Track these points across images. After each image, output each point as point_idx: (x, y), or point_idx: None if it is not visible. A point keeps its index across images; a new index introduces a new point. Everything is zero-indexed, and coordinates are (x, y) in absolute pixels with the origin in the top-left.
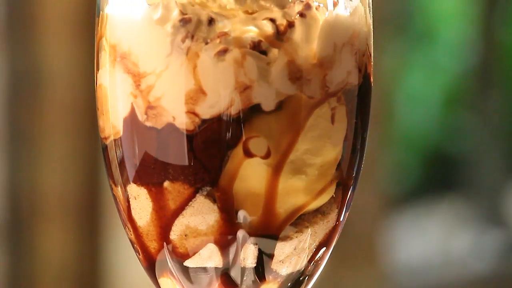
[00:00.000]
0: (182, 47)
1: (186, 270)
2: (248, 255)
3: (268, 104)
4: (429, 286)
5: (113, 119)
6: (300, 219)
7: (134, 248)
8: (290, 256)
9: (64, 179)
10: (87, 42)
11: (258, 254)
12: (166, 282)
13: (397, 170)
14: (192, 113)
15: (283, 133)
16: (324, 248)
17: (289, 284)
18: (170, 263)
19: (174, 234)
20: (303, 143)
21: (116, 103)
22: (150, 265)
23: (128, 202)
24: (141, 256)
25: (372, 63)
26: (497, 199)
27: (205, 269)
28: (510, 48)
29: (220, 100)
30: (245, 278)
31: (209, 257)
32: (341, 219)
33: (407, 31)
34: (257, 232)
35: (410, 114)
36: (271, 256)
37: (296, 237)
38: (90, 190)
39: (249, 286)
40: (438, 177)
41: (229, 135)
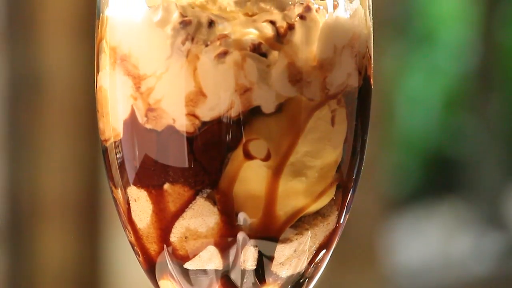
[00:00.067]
0: (182, 49)
1: (186, 272)
2: (248, 257)
3: (268, 106)
4: None
5: (113, 121)
6: (300, 222)
7: (134, 250)
8: (290, 258)
9: (64, 181)
10: (87, 44)
11: (258, 256)
12: (166, 284)
13: (397, 172)
14: (192, 115)
15: (283, 135)
16: (324, 250)
17: (289, 286)
18: (170, 265)
19: (174, 236)
20: (303, 145)
21: (116, 105)
22: (150, 267)
23: (128, 204)
24: (141, 258)
25: (372, 65)
26: (497, 202)
27: (205, 271)
28: (510, 50)
29: (220, 102)
30: (245, 280)
31: (209, 259)
32: (341, 221)
33: (407, 33)
34: (257, 234)
35: (410, 116)
36: (271, 258)
37: (296, 239)
38: (90, 192)
39: None
40: (438, 179)
41: (229, 137)
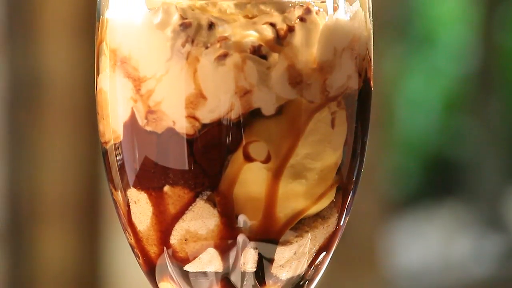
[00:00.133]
0: (182, 52)
1: (186, 275)
2: (248, 260)
3: (268, 108)
4: None
5: (113, 124)
6: (300, 224)
7: (134, 252)
8: (290, 260)
9: (64, 182)
10: (88, 46)
11: (258, 259)
12: (166, 286)
13: (397, 174)
14: (192, 117)
15: (283, 137)
16: (324, 252)
17: None
18: (170, 268)
19: (174, 239)
20: (303, 148)
21: (116, 108)
22: (150, 269)
23: (128, 206)
24: (141, 260)
25: (372, 68)
26: (497, 204)
27: (205, 273)
28: (510, 52)
29: (220, 104)
30: (245, 283)
31: (209, 261)
32: (341, 224)
33: (407, 36)
34: (257, 236)
35: (410, 118)
36: (271, 260)
37: (296, 241)
38: (90, 193)
39: None
40: (438, 181)
41: (229, 140)
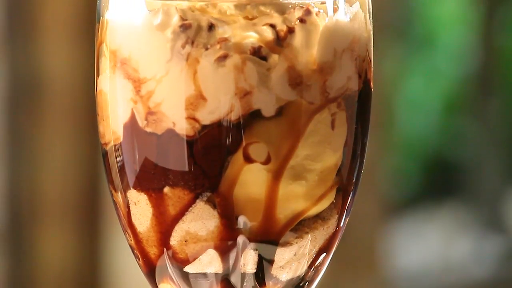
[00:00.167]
0: (182, 53)
1: (186, 276)
2: (248, 261)
3: (268, 109)
4: None
5: (113, 125)
6: (300, 225)
7: (134, 254)
8: (290, 261)
9: (64, 182)
10: (88, 47)
11: (258, 260)
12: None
13: (397, 176)
14: (192, 118)
15: (283, 138)
16: (324, 253)
17: None
18: (170, 269)
19: (174, 240)
20: (303, 149)
21: (116, 109)
22: (150, 271)
23: (128, 208)
24: (141, 262)
25: (372, 69)
26: (497, 205)
27: (205, 274)
28: (510, 53)
29: (220, 105)
30: (245, 284)
31: (209, 262)
32: (341, 225)
33: (407, 37)
34: (257, 237)
35: (410, 120)
36: (271, 261)
37: (296, 242)
38: (90, 193)
39: None
40: (438, 182)
41: (229, 141)
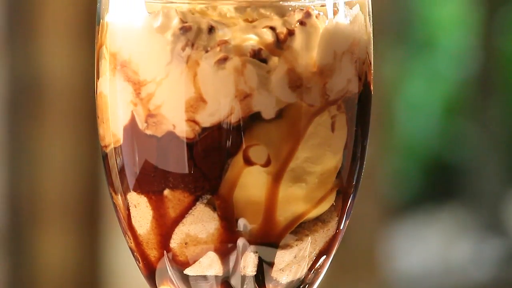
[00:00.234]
0: (182, 55)
1: (186, 279)
2: (248, 263)
3: (268, 112)
4: None
5: (113, 127)
6: (300, 227)
7: (134, 256)
8: (290, 264)
9: (64, 184)
10: (88, 49)
11: (258, 262)
12: None
13: (397, 178)
14: (192, 121)
15: (283, 141)
16: (324, 256)
17: None
18: (170, 272)
19: (174, 242)
20: (303, 151)
21: (116, 111)
22: (150, 273)
23: (128, 210)
24: (141, 264)
25: (372, 71)
26: (497, 208)
27: (205, 277)
28: (510, 56)
29: (220, 108)
30: (245, 286)
31: (209, 265)
32: (341, 227)
33: (407, 40)
34: (257, 240)
35: (410, 122)
36: (271, 264)
37: (296, 245)
38: (90, 194)
39: None
40: (438, 185)
41: (229, 143)
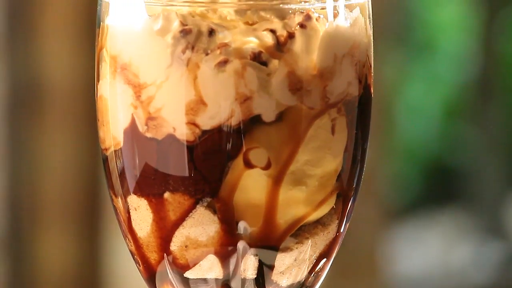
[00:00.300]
0: (182, 58)
1: (186, 281)
2: (248, 266)
3: (268, 115)
4: None
5: (113, 130)
6: (300, 230)
7: (134, 259)
8: (290, 267)
9: (64, 186)
10: (88, 51)
11: (259, 265)
12: None
13: (397, 181)
14: (192, 124)
15: (284, 144)
16: (324, 259)
17: None
18: (171, 274)
19: (174, 245)
20: (304, 154)
21: (116, 114)
22: (151, 276)
23: (128, 213)
24: (141, 267)
25: (372, 74)
26: (497, 211)
27: (205, 280)
28: (510, 59)
29: (220, 111)
30: None
31: (209, 268)
32: (341, 230)
33: (407, 42)
34: (257, 243)
35: (410, 125)
36: (272, 267)
37: (296, 248)
38: (91, 196)
39: None
40: (438, 188)
41: (229, 146)
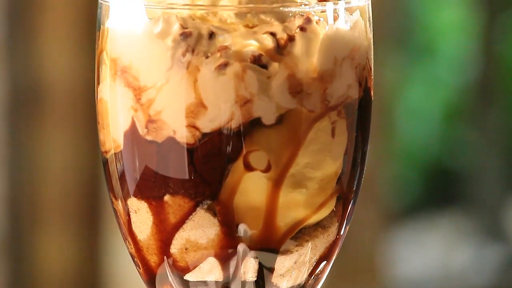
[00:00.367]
0: (182, 61)
1: (186, 284)
2: (248, 269)
3: (268, 117)
4: None
5: (113, 133)
6: (300, 233)
7: (134, 262)
8: (290, 270)
9: (64, 188)
10: (88, 53)
11: (259, 268)
12: None
13: (397, 184)
14: (192, 126)
15: (284, 146)
16: (324, 262)
17: None
18: (171, 277)
19: (174, 248)
20: (304, 157)
21: (116, 117)
22: (151, 279)
23: (128, 216)
24: (141, 270)
25: (372, 77)
26: (497, 214)
27: (205, 283)
28: (510, 62)
29: (220, 113)
30: None
31: (209, 271)
32: (341, 233)
33: (407, 45)
34: (257, 245)
35: (410, 128)
36: (272, 270)
37: (296, 251)
38: (91, 198)
39: None
40: (438, 191)
41: (229, 149)
